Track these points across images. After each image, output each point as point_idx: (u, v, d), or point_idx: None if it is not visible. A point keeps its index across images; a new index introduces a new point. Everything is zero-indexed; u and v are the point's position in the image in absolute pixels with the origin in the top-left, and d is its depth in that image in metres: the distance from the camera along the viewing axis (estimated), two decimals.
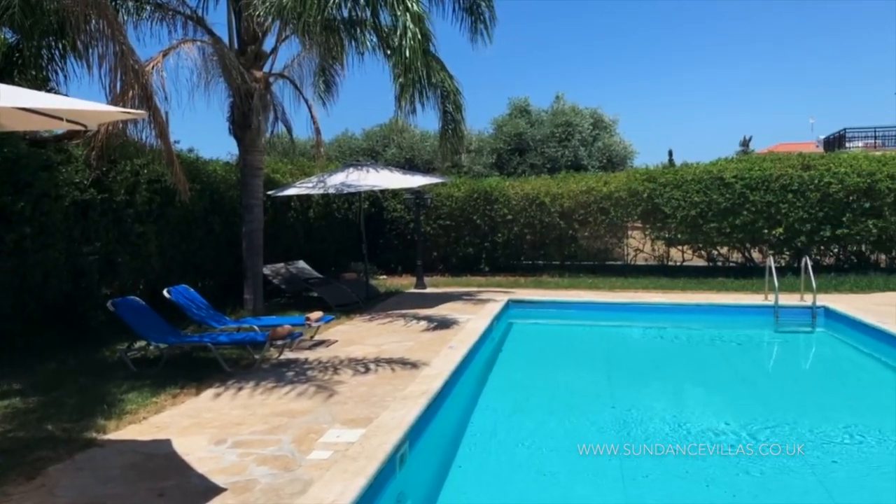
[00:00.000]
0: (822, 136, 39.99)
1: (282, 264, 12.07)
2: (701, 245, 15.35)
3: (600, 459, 5.34)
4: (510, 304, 11.69)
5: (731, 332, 10.54)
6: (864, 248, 14.52)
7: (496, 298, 11.93)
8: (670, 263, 16.14)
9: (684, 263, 16.05)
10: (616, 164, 27.53)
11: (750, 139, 51.24)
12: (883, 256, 14.60)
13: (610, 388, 7.66)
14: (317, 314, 8.38)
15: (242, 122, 10.33)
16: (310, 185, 11.73)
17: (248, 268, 10.37)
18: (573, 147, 27.57)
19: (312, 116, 13.05)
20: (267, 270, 11.25)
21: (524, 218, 15.89)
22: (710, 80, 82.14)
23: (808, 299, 10.59)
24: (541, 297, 12.41)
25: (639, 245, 16.41)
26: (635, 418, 6.41)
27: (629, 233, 16.42)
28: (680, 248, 15.85)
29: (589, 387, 7.75)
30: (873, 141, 34.28)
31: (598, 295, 12.55)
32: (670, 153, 44.47)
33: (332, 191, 11.60)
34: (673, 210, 14.71)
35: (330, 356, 7.52)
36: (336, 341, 8.37)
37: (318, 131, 13.42)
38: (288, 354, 7.65)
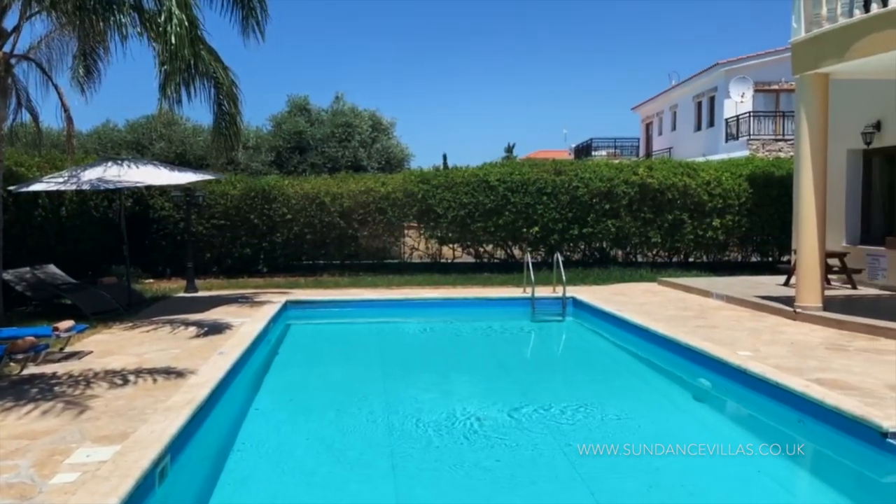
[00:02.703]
0: (574, 145, 44.63)
1: (27, 269, 10.77)
2: (469, 243, 16.41)
3: (373, 455, 5.55)
4: (288, 306, 11.58)
5: (494, 323, 11.42)
6: (605, 244, 16.47)
7: (273, 300, 11.74)
8: (443, 260, 17.05)
9: (455, 260, 17.05)
10: (394, 165, 28.37)
11: (513, 146, 55.75)
12: (620, 252, 16.70)
13: (384, 384, 7.93)
14: (67, 323, 7.65)
15: None
16: (60, 180, 10.58)
17: None
18: (353, 148, 27.89)
19: (63, 104, 11.80)
20: (9, 276, 9.99)
21: (304, 217, 15.76)
22: (479, 89, 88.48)
23: (559, 291, 11.83)
24: (320, 296, 12.43)
25: (414, 243, 17.12)
26: (407, 410, 6.70)
27: (406, 232, 17.05)
28: (451, 245, 16.78)
29: (363, 384, 7.95)
30: (614, 150, 39.05)
31: (377, 293, 12.88)
32: (444, 157, 46.84)
33: (86, 187, 10.56)
34: (444, 210, 15.54)
35: (83, 369, 6.90)
36: (91, 352, 7.70)
37: (69, 120, 12.15)
38: (32, 369, 6.89)
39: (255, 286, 14.03)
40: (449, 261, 17.06)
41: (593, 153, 38.16)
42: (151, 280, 14.99)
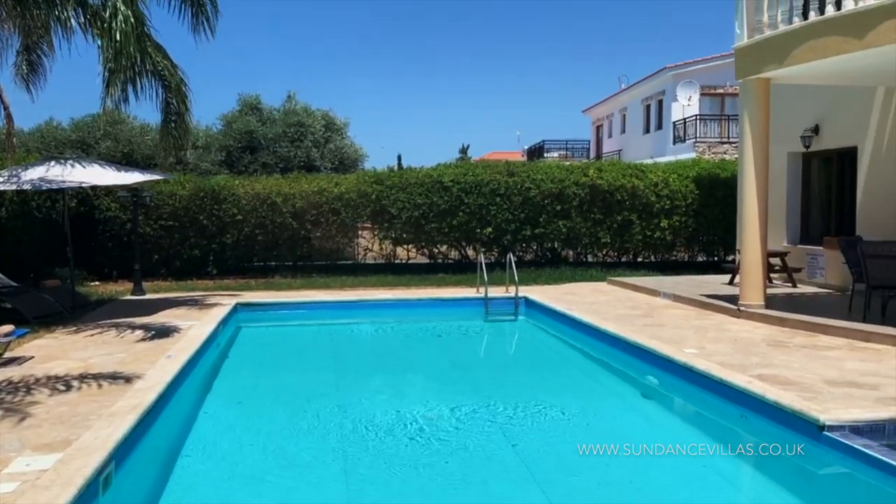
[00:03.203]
0: (526, 147, 45.06)
1: None
2: (423, 244, 16.43)
3: (324, 457, 5.51)
4: (238, 308, 11.40)
5: (448, 323, 11.48)
6: (556, 244, 16.69)
7: (223, 302, 11.54)
8: (397, 261, 17.02)
9: (409, 261, 17.05)
10: (348, 166, 28.19)
11: (468, 147, 55.99)
12: (571, 252, 16.95)
13: (336, 386, 7.88)
14: (7, 328, 7.36)
15: None
16: (0, 179, 10.23)
17: None
18: (306, 147, 27.61)
19: (2, 101, 11.43)
20: None
21: (255, 218, 15.53)
22: (434, 91, 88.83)
23: (512, 291, 11.93)
24: (271, 298, 12.28)
25: (368, 244, 17.05)
26: (359, 412, 6.67)
27: (359, 233, 16.97)
28: (405, 246, 16.78)
29: (315, 386, 7.88)
30: (565, 152, 39.58)
31: (330, 294, 12.78)
32: (399, 158, 46.76)
33: (27, 187, 10.22)
34: (399, 211, 15.52)
35: (23, 375, 6.68)
36: (32, 357, 7.46)
37: (9, 118, 11.78)
38: None
39: (204, 288, 13.77)
40: (403, 262, 17.05)
41: (545, 155, 38.58)
42: (97, 283, 14.58)
